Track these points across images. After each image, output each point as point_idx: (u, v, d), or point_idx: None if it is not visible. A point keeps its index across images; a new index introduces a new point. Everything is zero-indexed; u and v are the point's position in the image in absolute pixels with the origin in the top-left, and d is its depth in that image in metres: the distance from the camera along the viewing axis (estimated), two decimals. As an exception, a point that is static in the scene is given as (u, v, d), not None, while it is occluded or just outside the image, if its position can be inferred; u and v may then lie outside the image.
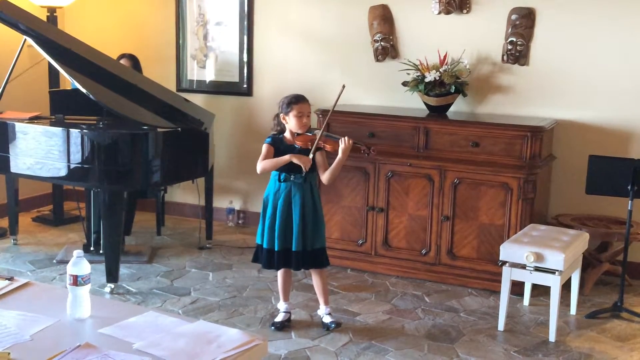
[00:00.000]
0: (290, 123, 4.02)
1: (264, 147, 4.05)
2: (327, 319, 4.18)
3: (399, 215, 5.07)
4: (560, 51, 5.15)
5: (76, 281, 2.48)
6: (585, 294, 4.80)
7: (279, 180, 4.06)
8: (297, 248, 4.04)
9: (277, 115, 4.09)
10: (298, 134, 4.02)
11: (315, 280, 4.21)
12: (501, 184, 4.77)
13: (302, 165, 3.94)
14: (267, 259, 4.12)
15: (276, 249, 4.07)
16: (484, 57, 5.34)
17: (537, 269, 4.12)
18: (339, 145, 3.96)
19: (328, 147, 4.02)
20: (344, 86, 4.01)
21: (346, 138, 3.96)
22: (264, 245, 4.12)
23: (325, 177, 4.05)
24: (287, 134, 4.07)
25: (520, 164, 4.73)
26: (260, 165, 4.02)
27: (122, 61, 5.75)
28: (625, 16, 4.96)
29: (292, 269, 4.17)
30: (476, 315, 4.49)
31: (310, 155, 3.96)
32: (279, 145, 4.05)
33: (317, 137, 3.97)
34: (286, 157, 3.97)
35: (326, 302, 4.22)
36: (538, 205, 4.89)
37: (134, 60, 5.86)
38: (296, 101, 4.01)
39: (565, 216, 5.07)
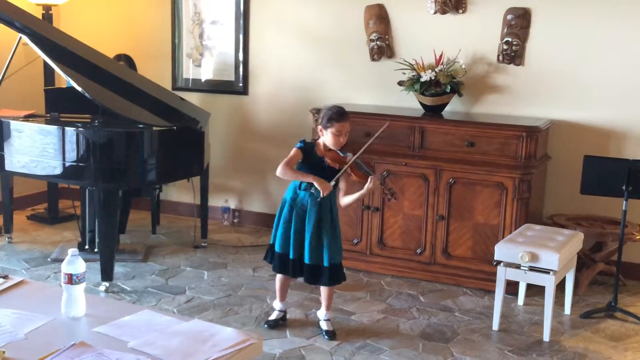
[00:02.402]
0: (326, 138, 3.91)
1: (293, 151, 3.93)
2: (324, 325, 4.15)
3: (394, 215, 5.08)
4: (556, 51, 5.16)
5: (71, 280, 2.47)
6: (579, 293, 4.82)
7: (299, 188, 3.99)
8: (309, 261, 3.97)
9: (317, 125, 4.00)
10: (329, 149, 3.93)
11: (322, 288, 4.14)
12: (496, 183, 4.78)
13: (320, 191, 3.85)
14: (280, 263, 4.07)
15: (291, 257, 4.02)
16: (480, 57, 5.34)
17: (531, 269, 4.13)
18: (365, 181, 3.84)
19: (354, 177, 3.89)
20: (388, 124, 4.02)
21: (373, 178, 3.83)
22: (277, 249, 4.07)
23: (342, 201, 3.96)
24: (320, 143, 3.97)
25: (516, 163, 4.74)
26: (282, 170, 3.87)
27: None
28: (621, 17, 4.97)
29: (304, 281, 4.10)
30: (471, 315, 4.49)
31: (332, 182, 3.85)
32: (309, 152, 3.95)
33: (348, 163, 3.85)
34: (309, 178, 3.86)
35: (328, 308, 4.18)
36: (533, 205, 4.90)
37: (129, 62, 5.85)
38: (337, 118, 3.87)
39: (560, 216, 5.09)
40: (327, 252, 3.97)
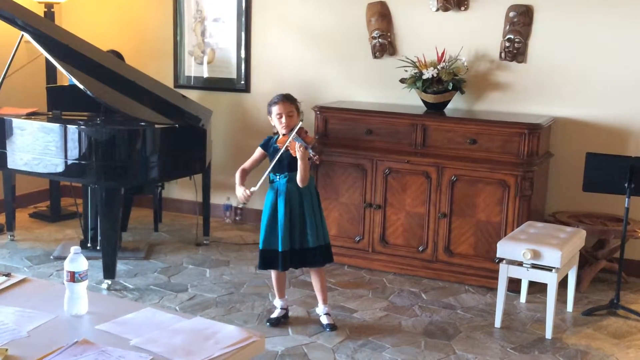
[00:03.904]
0: (275, 125, 4.06)
1: (256, 151, 4.16)
2: (324, 320, 4.18)
3: (396, 212, 5.07)
4: (558, 48, 5.15)
5: (73, 277, 2.48)
6: (581, 291, 4.81)
7: (269, 182, 4.11)
8: (294, 247, 4.04)
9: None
10: (283, 134, 4.02)
11: (313, 278, 4.21)
12: (498, 181, 4.77)
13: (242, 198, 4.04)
14: (269, 259, 4.11)
15: (280, 250, 4.05)
16: (482, 54, 5.34)
17: (534, 266, 4.12)
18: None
19: (293, 152, 3.93)
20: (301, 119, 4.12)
21: (298, 144, 3.87)
22: (261, 247, 4.14)
23: (297, 180, 4.01)
24: (280, 134, 4.07)
25: (518, 161, 4.74)
26: (237, 173, 4.14)
27: None
28: (623, 13, 4.96)
29: (293, 267, 4.16)
30: (473, 312, 4.49)
31: (273, 162, 3.97)
32: (268, 146, 4.12)
33: (287, 140, 3.93)
34: (237, 187, 4.09)
35: (324, 301, 4.21)
36: (535, 202, 4.89)
37: (117, 56, 5.84)
38: (275, 102, 4.04)
39: (562, 213, 5.08)
40: (312, 234, 4.05)
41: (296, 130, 3.94)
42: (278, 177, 4.07)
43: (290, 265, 4.11)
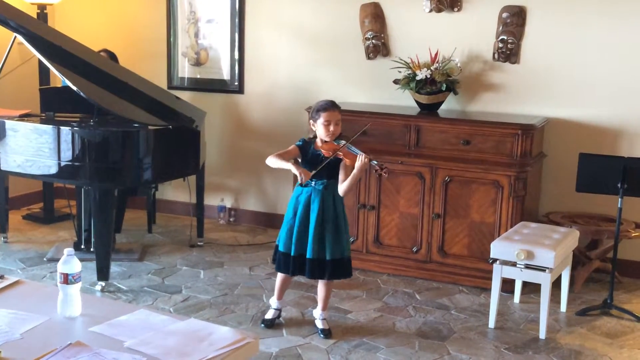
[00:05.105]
0: (318, 130, 3.97)
1: (291, 147, 4.02)
2: (319, 324, 4.16)
3: (390, 213, 5.08)
4: (551, 49, 5.17)
5: (67, 279, 2.47)
6: (575, 291, 4.82)
7: (301, 185, 4.01)
8: (311, 256, 3.98)
9: (309, 121, 4.05)
10: (325, 142, 3.96)
11: (320, 287, 4.15)
12: (492, 181, 4.78)
13: (298, 176, 3.87)
14: (282, 262, 4.09)
15: (292, 254, 4.03)
16: (475, 55, 5.35)
17: (527, 267, 4.13)
18: (356, 160, 3.86)
19: (347, 161, 3.91)
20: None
21: (364, 155, 3.85)
22: (280, 248, 4.10)
23: (340, 188, 3.97)
24: (318, 140, 4.01)
25: (511, 161, 4.75)
26: (270, 158, 3.96)
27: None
28: (616, 15, 4.98)
29: (306, 277, 4.09)
30: (467, 313, 4.50)
31: (321, 167, 3.87)
32: (307, 149, 4.00)
33: (339, 147, 3.89)
34: (288, 165, 3.90)
35: (324, 308, 4.18)
36: (529, 203, 4.90)
37: (111, 56, 5.84)
38: (324, 109, 3.95)
39: (555, 214, 5.09)
40: (330, 247, 3.98)
41: (350, 140, 3.92)
42: (314, 182, 3.97)
43: (300, 272, 4.06)
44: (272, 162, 3.96)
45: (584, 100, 5.13)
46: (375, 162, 3.87)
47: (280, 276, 4.20)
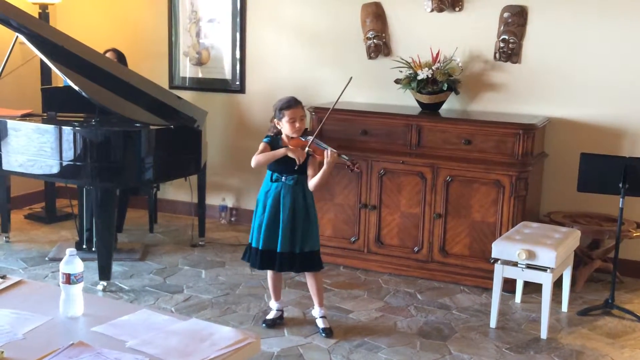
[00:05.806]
0: (284, 128, 3.99)
1: (261, 145, 4.03)
2: (320, 323, 4.16)
3: (392, 213, 5.08)
4: (553, 49, 5.16)
5: (69, 279, 2.48)
6: (576, 291, 4.82)
7: (271, 180, 4.05)
8: (282, 249, 4.00)
9: (273, 120, 4.07)
10: (292, 138, 3.99)
11: (309, 281, 4.17)
12: (493, 181, 4.78)
13: (295, 159, 3.89)
14: (253, 257, 4.11)
15: (260, 248, 4.05)
16: (476, 54, 5.35)
17: (529, 267, 4.13)
18: (324, 155, 3.89)
19: (317, 156, 3.93)
20: (351, 78, 4.08)
21: (330, 151, 3.87)
22: (252, 244, 4.12)
23: (310, 183, 3.99)
24: (284, 136, 4.03)
25: (513, 161, 4.75)
26: (255, 158, 3.98)
27: (107, 54, 5.72)
28: (617, 14, 4.98)
29: (276, 270, 4.12)
30: (468, 313, 4.50)
31: (306, 149, 3.90)
32: (275, 146, 4.02)
33: (308, 143, 3.92)
34: (282, 150, 3.93)
35: (320, 304, 4.19)
36: (530, 202, 4.90)
37: (119, 55, 5.84)
38: (287, 107, 3.98)
39: (557, 214, 5.09)
40: (300, 240, 4.01)
41: (315, 134, 3.96)
42: (285, 177, 4.01)
43: (287, 268, 4.08)
44: (261, 158, 3.97)
45: (585, 100, 5.13)
46: (346, 157, 3.90)
47: (269, 276, 4.22)
